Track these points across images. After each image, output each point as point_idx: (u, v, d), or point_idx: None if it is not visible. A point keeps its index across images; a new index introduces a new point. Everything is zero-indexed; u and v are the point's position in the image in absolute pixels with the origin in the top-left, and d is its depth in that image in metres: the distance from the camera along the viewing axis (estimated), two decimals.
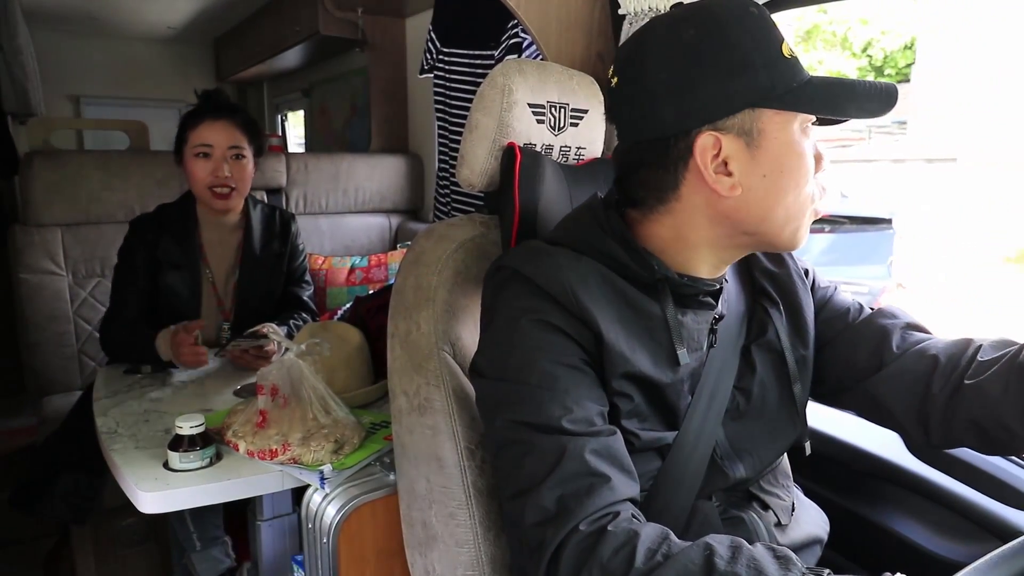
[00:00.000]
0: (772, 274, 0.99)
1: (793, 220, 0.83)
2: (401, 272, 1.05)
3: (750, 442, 0.93)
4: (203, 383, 1.67)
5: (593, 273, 0.84)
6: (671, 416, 0.87)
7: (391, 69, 3.23)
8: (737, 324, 0.95)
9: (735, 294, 0.97)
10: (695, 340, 0.89)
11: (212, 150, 1.85)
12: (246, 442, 1.26)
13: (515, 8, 1.38)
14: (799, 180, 0.81)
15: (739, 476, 0.91)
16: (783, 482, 1.00)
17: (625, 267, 0.85)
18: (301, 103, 5.03)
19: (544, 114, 1.07)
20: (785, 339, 0.95)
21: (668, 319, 0.85)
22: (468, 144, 1.06)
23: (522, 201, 1.03)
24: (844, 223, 5.17)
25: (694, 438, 0.88)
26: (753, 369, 0.94)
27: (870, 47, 10.96)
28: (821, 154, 0.84)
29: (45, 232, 2.31)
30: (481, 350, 0.87)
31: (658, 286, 0.85)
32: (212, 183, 1.85)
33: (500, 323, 0.84)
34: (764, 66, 0.79)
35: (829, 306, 1.02)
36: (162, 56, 5.43)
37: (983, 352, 0.88)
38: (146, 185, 2.42)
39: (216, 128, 1.85)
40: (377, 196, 3.09)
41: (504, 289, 0.86)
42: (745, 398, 0.93)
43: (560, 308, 0.81)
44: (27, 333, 2.32)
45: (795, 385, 0.95)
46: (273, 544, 1.35)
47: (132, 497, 1.17)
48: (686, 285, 0.86)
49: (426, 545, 1.03)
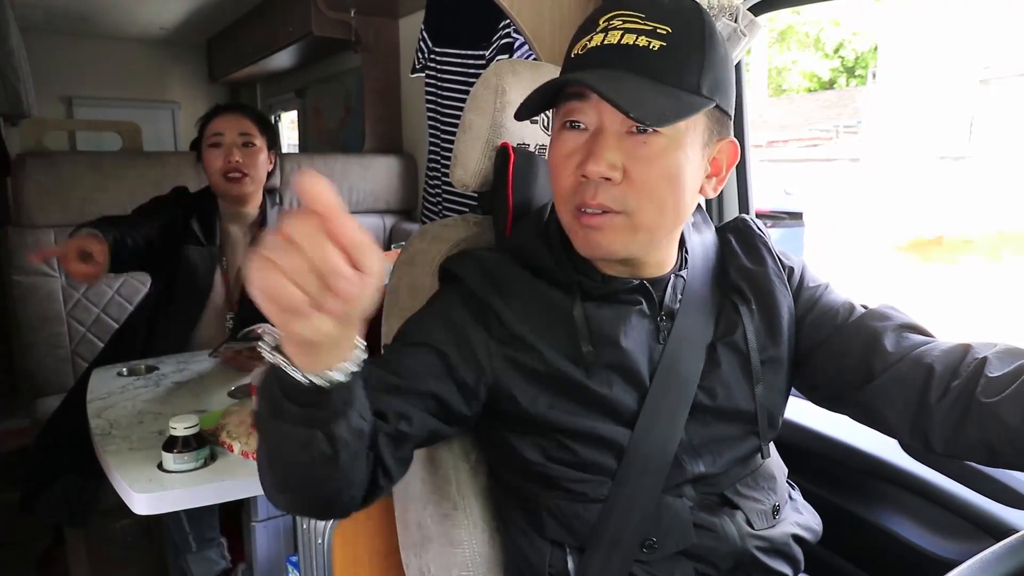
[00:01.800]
0: (748, 272, 0.98)
1: (565, 224, 0.89)
2: (395, 273, 1.05)
3: (711, 440, 0.91)
4: (197, 384, 1.66)
5: (512, 274, 0.92)
6: (620, 413, 0.88)
7: (384, 70, 3.22)
8: (703, 321, 0.94)
9: (703, 290, 0.96)
10: (607, 333, 0.89)
11: (223, 138, 1.94)
12: (240, 443, 1.26)
13: (508, 8, 1.38)
14: (555, 181, 0.88)
15: (698, 471, 0.90)
16: (764, 484, 0.96)
17: (550, 272, 0.92)
18: (294, 104, 5.02)
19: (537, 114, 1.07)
20: (753, 339, 0.94)
21: (575, 316, 0.89)
22: (461, 144, 1.07)
23: (516, 201, 1.04)
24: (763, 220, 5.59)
25: (653, 435, 0.88)
26: (718, 367, 0.92)
27: (842, 48, 11.05)
28: (588, 151, 0.82)
29: (38, 233, 2.31)
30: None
31: (572, 287, 0.91)
32: (224, 169, 1.93)
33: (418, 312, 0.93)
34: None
35: (818, 306, 0.99)
36: (155, 57, 5.42)
37: (991, 366, 0.81)
38: (139, 186, 2.40)
39: (226, 118, 1.96)
40: (371, 196, 3.09)
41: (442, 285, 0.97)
42: (709, 396, 0.92)
43: (473, 296, 0.90)
44: (20, 335, 2.32)
45: (757, 386, 0.93)
46: (268, 545, 1.35)
47: (126, 498, 1.17)
48: (598, 285, 0.91)
49: (421, 546, 1.03)
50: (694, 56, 0.81)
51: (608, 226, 0.84)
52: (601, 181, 0.81)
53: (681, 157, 0.82)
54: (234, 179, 1.94)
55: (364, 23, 3.11)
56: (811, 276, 1.02)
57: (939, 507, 1.12)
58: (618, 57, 0.79)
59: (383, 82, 3.22)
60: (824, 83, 10.21)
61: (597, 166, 0.80)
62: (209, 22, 4.67)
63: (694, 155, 0.84)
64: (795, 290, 1.00)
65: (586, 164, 0.81)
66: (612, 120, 0.81)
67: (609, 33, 0.80)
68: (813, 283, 1.01)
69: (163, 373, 1.72)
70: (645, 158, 0.81)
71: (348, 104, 4.13)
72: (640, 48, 0.79)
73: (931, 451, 0.87)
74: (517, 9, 1.39)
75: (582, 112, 0.83)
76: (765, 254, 1.00)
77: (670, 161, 0.82)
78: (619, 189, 0.82)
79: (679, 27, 0.80)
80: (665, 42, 0.79)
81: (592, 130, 0.83)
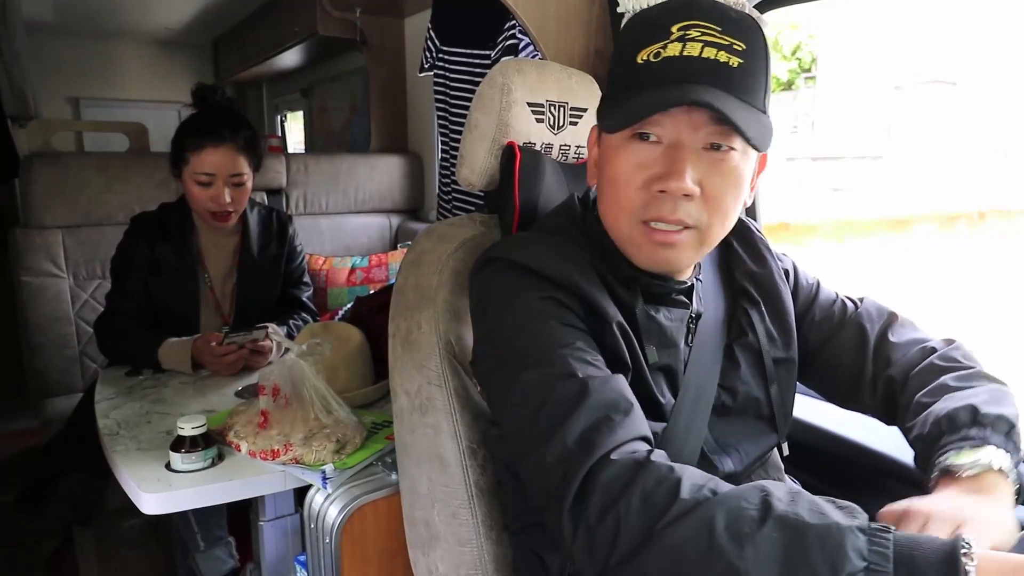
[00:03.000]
0: (754, 274, 1.00)
1: (621, 235, 0.87)
2: (402, 272, 1.05)
3: (735, 438, 0.95)
4: (204, 384, 1.67)
5: (580, 256, 0.87)
6: (654, 407, 0.88)
7: (390, 69, 3.23)
8: (718, 324, 0.96)
9: (714, 294, 0.98)
10: (667, 337, 0.90)
11: (214, 179, 1.80)
12: (248, 442, 1.26)
13: (513, 6, 1.38)
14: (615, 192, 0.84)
15: (728, 469, 0.92)
16: (775, 475, 1.02)
17: (601, 264, 0.88)
18: (300, 103, 5.03)
19: (543, 113, 1.07)
20: (764, 340, 0.97)
21: (637, 315, 0.87)
22: (468, 143, 1.07)
23: (522, 200, 1.03)
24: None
25: (683, 432, 0.89)
26: (737, 367, 0.96)
27: (799, 50, 11.11)
28: (668, 167, 0.80)
29: (46, 234, 2.31)
30: (479, 339, 0.89)
31: (630, 284, 0.88)
32: (213, 208, 1.83)
33: (496, 307, 0.85)
34: (614, 70, 0.87)
35: (816, 306, 1.04)
36: (161, 57, 5.44)
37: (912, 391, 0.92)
38: (146, 187, 2.41)
39: (218, 156, 1.79)
40: (377, 196, 3.09)
41: (495, 278, 0.87)
42: (731, 396, 0.95)
43: (553, 284, 0.83)
44: (28, 335, 2.32)
45: (771, 386, 0.97)
46: (276, 544, 1.35)
47: (134, 498, 1.17)
48: (656, 284, 0.89)
49: (429, 544, 1.04)
50: (763, 76, 0.81)
51: (682, 242, 0.83)
52: (681, 197, 0.80)
53: (745, 171, 0.83)
54: (221, 216, 1.85)
55: (369, 22, 3.11)
56: (804, 275, 1.06)
57: None
58: (703, 72, 0.77)
59: (389, 81, 3.23)
60: (783, 84, 10.32)
61: (681, 183, 0.78)
62: (215, 22, 4.69)
63: (749, 169, 0.85)
64: (792, 290, 1.03)
65: (667, 180, 0.79)
66: (691, 135, 0.80)
67: (688, 44, 0.78)
68: (807, 282, 1.05)
69: (171, 373, 1.72)
70: (720, 175, 0.81)
71: (354, 103, 4.13)
72: (723, 64, 0.77)
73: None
74: (522, 7, 1.38)
75: (659, 125, 0.80)
76: (768, 256, 1.02)
77: (738, 177, 0.82)
78: (695, 205, 0.81)
79: (751, 45, 0.79)
80: (742, 59, 0.78)
81: (667, 143, 0.80)
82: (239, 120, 1.87)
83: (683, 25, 0.79)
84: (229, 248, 1.98)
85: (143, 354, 1.74)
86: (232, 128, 1.82)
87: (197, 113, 1.87)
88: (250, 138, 1.87)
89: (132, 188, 2.40)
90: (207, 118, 1.83)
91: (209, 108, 1.87)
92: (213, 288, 1.95)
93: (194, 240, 1.92)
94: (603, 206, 0.88)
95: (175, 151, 1.84)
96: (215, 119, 1.82)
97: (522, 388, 0.77)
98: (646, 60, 0.80)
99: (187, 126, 1.84)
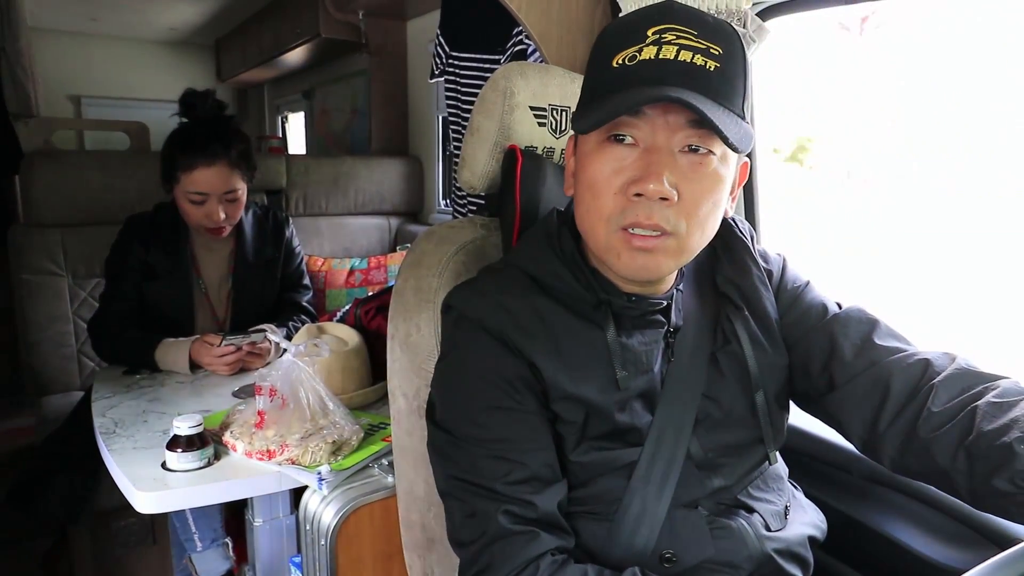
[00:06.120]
0: (736, 281, 0.97)
1: (599, 243, 0.85)
2: (401, 274, 1.05)
3: (724, 450, 0.91)
4: (202, 384, 1.67)
5: (532, 310, 0.86)
6: (632, 434, 0.87)
7: (392, 72, 3.23)
8: (701, 333, 0.94)
9: (697, 303, 0.95)
10: (643, 362, 0.88)
11: (207, 197, 1.77)
12: (244, 443, 1.26)
13: (516, 11, 1.38)
14: (593, 198, 0.83)
15: (717, 486, 0.90)
16: (774, 485, 0.97)
17: (569, 292, 0.88)
18: (301, 105, 5.03)
19: (546, 117, 1.07)
20: (748, 347, 0.93)
21: (609, 344, 0.87)
22: (469, 146, 1.07)
23: (523, 203, 1.03)
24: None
25: (662, 451, 0.87)
26: (722, 376, 0.92)
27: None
28: (644, 169, 0.78)
29: (45, 232, 2.31)
30: (435, 389, 0.91)
31: (601, 307, 0.87)
32: (207, 225, 1.81)
33: (452, 367, 0.89)
34: (589, 75, 0.86)
35: (796, 307, 0.98)
36: (163, 57, 5.45)
37: (936, 397, 0.83)
38: (147, 186, 2.40)
39: (211, 175, 1.75)
40: (377, 198, 3.09)
41: (455, 328, 0.90)
42: (716, 406, 0.91)
43: (502, 345, 0.85)
44: (27, 333, 2.32)
45: (757, 393, 0.93)
46: (270, 545, 1.35)
47: (129, 497, 1.17)
48: (629, 307, 0.88)
49: (425, 547, 1.03)
50: (740, 80, 0.80)
51: (660, 248, 0.81)
52: (658, 201, 0.78)
53: (725, 177, 0.82)
54: (215, 230, 1.83)
55: (372, 25, 3.12)
56: (792, 275, 1.02)
57: (943, 514, 1.11)
58: (678, 74, 0.76)
59: (390, 84, 3.23)
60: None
61: (659, 185, 0.76)
62: (218, 23, 4.70)
63: (729, 176, 0.83)
64: (776, 290, 0.99)
65: (644, 182, 0.77)
66: (668, 137, 0.78)
67: (663, 47, 0.77)
68: (794, 283, 1.00)
69: (168, 372, 1.72)
70: (698, 179, 0.79)
71: (355, 106, 4.13)
72: (699, 67, 0.77)
73: (883, 466, 0.90)
74: (525, 12, 1.39)
75: (635, 127, 0.79)
76: (748, 260, 0.98)
77: (716, 182, 0.81)
78: (673, 210, 0.79)
79: (727, 49, 0.78)
80: (719, 63, 0.77)
81: (644, 147, 0.79)
82: (230, 132, 1.81)
83: (659, 29, 0.78)
84: (224, 253, 1.96)
85: (139, 356, 1.74)
86: (224, 143, 1.77)
87: (186, 126, 1.81)
88: (243, 151, 1.82)
89: (132, 187, 2.39)
90: (197, 133, 1.78)
91: (198, 119, 1.81)
92: (208, 294, 1.94)
93: (188, 246, 1.90)
94: (580, 214, 0.86)
95: (165, 167, 1.79)
96: (205, 134, 1.77)
97: (450, 483, 0.85)
98: (621, 63, 0.79)
99: (176, 142, 1.78)
